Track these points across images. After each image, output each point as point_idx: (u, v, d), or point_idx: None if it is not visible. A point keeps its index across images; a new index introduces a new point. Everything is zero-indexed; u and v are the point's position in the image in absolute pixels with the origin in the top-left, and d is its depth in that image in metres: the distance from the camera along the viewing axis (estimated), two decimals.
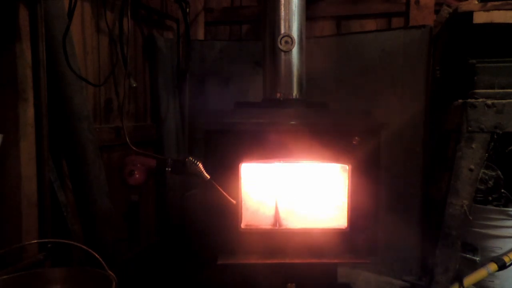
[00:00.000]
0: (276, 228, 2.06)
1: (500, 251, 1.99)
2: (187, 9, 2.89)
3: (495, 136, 1.89)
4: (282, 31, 2.10)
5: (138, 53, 2.69)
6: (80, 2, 2.01)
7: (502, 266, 1.94)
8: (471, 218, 1.93)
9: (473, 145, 1.91)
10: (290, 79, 2.13)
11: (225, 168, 1.93)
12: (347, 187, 1.97)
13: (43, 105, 1.74)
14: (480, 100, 1.90)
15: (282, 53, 2.11)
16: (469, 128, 1.90)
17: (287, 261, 1.95)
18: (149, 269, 2.58)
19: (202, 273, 2.38)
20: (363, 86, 2.66)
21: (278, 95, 2.13)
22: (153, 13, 2.81)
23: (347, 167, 1.96)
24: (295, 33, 2.11)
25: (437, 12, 2.54)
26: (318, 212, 2.10)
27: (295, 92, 2.14)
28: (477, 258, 2.03)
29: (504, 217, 1.99)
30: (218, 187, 1.93)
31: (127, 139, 2.12)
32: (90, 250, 1.54)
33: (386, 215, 2.31)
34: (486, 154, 1.91)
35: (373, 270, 2.58)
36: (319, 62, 2.65)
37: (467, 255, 2.05)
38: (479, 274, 1.95)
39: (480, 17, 1.89)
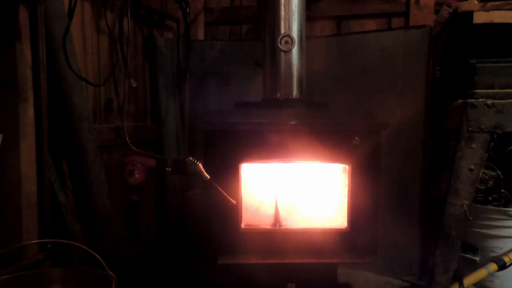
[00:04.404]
0: (276, 228, 2.06)
1: (500, 251, 1.99)
2: (187, 9, 2.89)
3: (495, 136, 1.89)
4: (282, 31, 2.10)
5: (138, 53, 2.69)
6: (80, 2, 2.01)
7: (502, 266, 1.94)
8: (471, 218, 1.93)
9: (473, 145, 1.91)
10: (290, 79, 2.13)
11: (225, 168, 1.93)
12: (347, 187, 1.97)
13: (43, 105, 1.74)
14: (480, 100, 1.90)
15: (282, 53, 2.11)
16: (469, 128, 1.90)
17: (287, 261, 1.95)
18: (149, 269, 2.58)
19: (202, 273, 2.39)
20: (363, 86, 2.66)
21: (278, 95, 2.13)
22: (153, 13, 2.81)
23: (347, 167, 1.96)
24: (295, 33, 2.11)
25: (437, 12, 2.54)
26: (318, 212, 2.10)
27: (295, 92, 2.14)
28: (477, 258, 2.03)
29: (504, 217, 1.99)
30: (218, 187, 1.93)
31: (127, 139, 2.12)
32: (90, 250, 1.54)
33: (386, 215, 2.31)
34: (486, 154, 1.91)
35: (373, 270, 2.58)
36: (319, 62, 2.65)
37: (467, 255, 2.05)
38: (479, 274, 1.95)
39: (480, 17, 1.89)
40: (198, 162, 1.98)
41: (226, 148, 1.92)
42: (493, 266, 1.94)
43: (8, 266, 1.58)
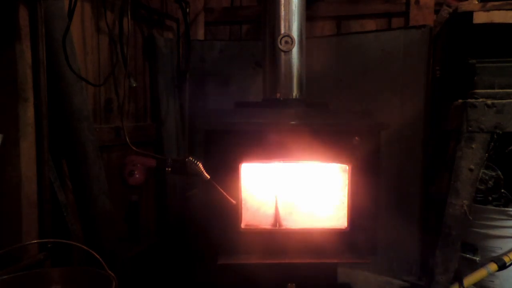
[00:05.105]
0: (276, 228, 2.06)
1: (500, 251, 1.99)
2: (187, 9, 2.90)
3: (495, 136, 1.89)
4: (282, 31, 2.10)
5: (138, 53, 2.69)
6: (80, 2, 2.01)
7: (502, 266, 1.94)
8: (471, 218, 1.93)
9: (473, 145, 1.90)
10: (290, 79, 2.13)
11: (225, 168, 1.93)
12: (347, 187, 1.97)
13: (43, 105, 1.74)
14: (480, 100, 1.90)
15: (282, 53, 2.11)
16: (469, 128, 1.90)
17: (287, 261, 1.95)
18: (149, 269, 2.58)
19: (202, 273, 2.39)
20: (363, 86, 2.66)
21: (278, 95, 2.13)
22: (153, 13, 2.81)
23: (347, 167, 1.96)
24: (295, 33, 2.11)
25: (437, 12, 2.54)
26: (318, 212, 2.10)
27: (295, 92, 2.14)
28: (477, 258, 2.03)
29: (504, 217, 1.99)
30: (218, 187, 1.93)
31: (127, 139, 2.12)
32: (90, 250, 1.53)
33: (386, 215, 2.31)
34: (486, 154, 1.91)
35: (373, 270, 2.58)
36: (319, 62, 2.65)
37: (467, 255, 2.05)
38: (479, 274, 1.95)
39: (480, 17, 1.89)
40: (198, 162, 1.98)
41: (226, 148, 1.92)
42: (493, 266, 1.94)
43: (8, 266, 1.58)
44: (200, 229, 2.18)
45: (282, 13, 2.11)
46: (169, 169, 2.09)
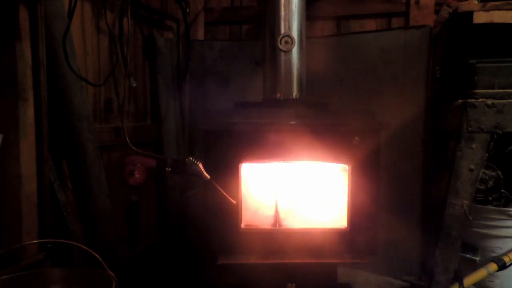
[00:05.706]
0: (276, 228, 2.06)
1: (500, 251, 1.99)
2: (187, 9, 2.89)
3: (495, 136, 1.89)
4: (282, 31, 2.11)
5: (138, 53, 2.69)
6: (80, 2, 2.01)
7: (502, 266, 1.94)
8: (471, 218, 1.93)
9: (473, 145, 1.90)
10: (290, 79, 2.13)
11: (225, 168, 1.93)
12: (347, 187, 1.97)
13: (43, 105, 1.74)
14: (480, 100, 1.90)
15: (282, 53, 2.11)
16: (469, 128, 1.90)
17: (287, 261, 1.96)
18: (149, 269, 2.58)
19: (202, 273, 2.39)
20: (363, 86, 2.66)
21: (278, 95, 2.13)
22: (153, 13, 2.81)
23: (347, 167, 1.96)
24: (295, 33, 2.11)
25: (437, 12, 2.54)
26: (318, 212, 2.10)
27: (295, 92, 2.14)
28: (477, 258, 2.03)
29: (504, 217, 1.99)
30: (218, 187, 1.93)
31: (127, 139, 2.12)
32: (90, 250, 1.53)
33: (386, 215, 2.31)
34: (486, 154, 1.91)
35: (373, 270, 2.58)
36: (319, 62, 2.65)
37: (467, 255, 2.05)
38: (479, 274, 1.95)
39: (480, 17, 1.89)
40: (198, 162, 1.98)
41: (226, 148, 1.92)
42: (493, 266, 1.94)
43: (8, 266, 1.58)
44: (200, 229, 2.18)
45: (282, 13, 2.11)
46: (169, 169, 2.09)
